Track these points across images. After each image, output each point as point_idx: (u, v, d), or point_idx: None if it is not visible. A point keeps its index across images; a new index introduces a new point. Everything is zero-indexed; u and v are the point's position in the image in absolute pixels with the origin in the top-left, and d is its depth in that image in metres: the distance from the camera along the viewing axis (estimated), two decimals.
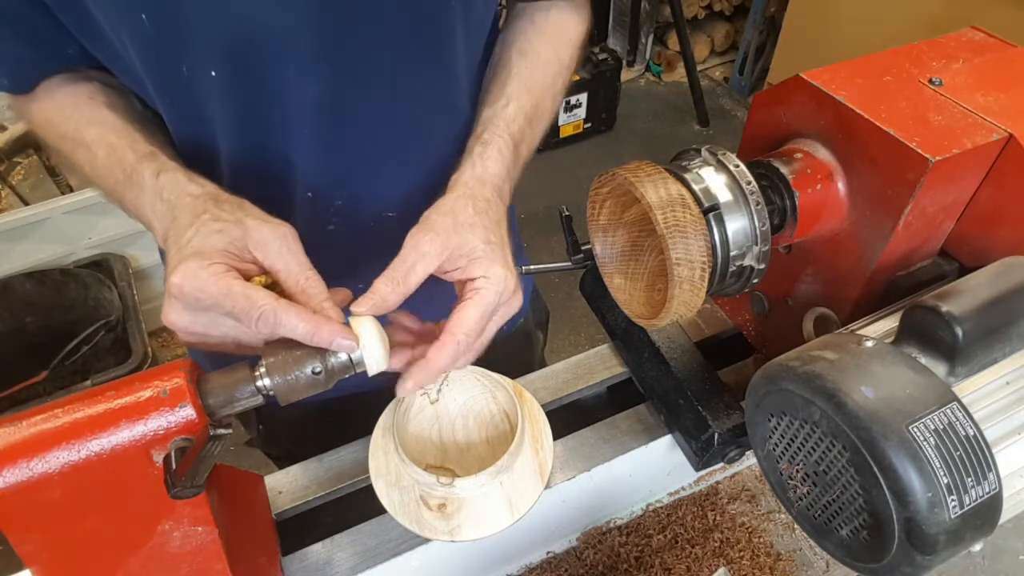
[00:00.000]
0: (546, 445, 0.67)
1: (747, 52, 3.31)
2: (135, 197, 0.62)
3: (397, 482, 0.68)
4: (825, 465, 0.54)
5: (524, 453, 0.66)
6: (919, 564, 0.49)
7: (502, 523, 0.64)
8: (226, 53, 0.61)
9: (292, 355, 0.55)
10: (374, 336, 0.56)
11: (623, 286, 0.74)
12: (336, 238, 0.79)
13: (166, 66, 0.62)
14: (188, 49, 0.61)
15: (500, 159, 0.67)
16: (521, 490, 0.66)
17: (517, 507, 0.64)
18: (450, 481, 0.63)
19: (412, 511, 0.66)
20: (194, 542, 0.57)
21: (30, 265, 1.97)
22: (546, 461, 0.67)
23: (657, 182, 0.61)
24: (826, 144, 0.68)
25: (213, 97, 0.65)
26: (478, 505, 0.65)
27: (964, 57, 0.71)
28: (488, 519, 0.64)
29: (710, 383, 0.78)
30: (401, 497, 0.67)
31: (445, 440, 0.74)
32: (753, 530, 0.89)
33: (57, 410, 0.50)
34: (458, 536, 0.64)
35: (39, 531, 0.52)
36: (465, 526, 0.64)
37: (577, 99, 3.02)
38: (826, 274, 0.73)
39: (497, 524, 0.64)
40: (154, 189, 0.60)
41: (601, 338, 0.93)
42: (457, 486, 0.63)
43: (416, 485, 0.66)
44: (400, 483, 0.67)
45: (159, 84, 0.65)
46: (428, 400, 0.73)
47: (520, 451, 0.65)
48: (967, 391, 0.57)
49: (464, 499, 0.65)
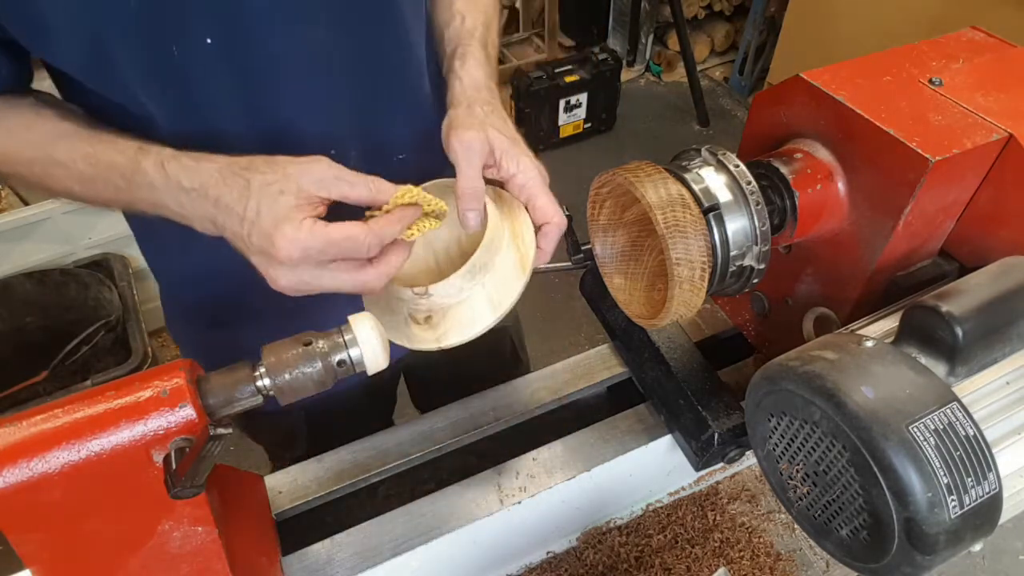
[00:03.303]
0: (527, 239, 0.65)
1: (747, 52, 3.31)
2: (148, 196, 0.60)
3: (387, 307, 0.67)
4: (825, 465, 0.54)
5: (504, 249, 0.64)
6: (919, 564, 0.49)
7: (485, 321, 0.63)
8: (219, 16, 0.60)
9: (292, 355, 0.55)
10: (374, 336, 0.56)
11: (623, 286, 0.74)
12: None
13: (156, 52, 0.60)
14: (180, 22, 0.59)
15: (479, 65, 0.72)
16: (502, 287, 0.64)
17: (499, 304, 0.63)
18: (424, 290, 0.61)
19: (403, 330, 0.65)
20: (194, 542, 0.57)
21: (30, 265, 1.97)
22: (527, 253, 0.65)
23: (657, 182, 0.61)
24: (826, 144, 0.68)
25: (210, 71, 0.63)
26: (461, 309, 0.63)
27: (964, 57, 0.71)
28: (472, 320, 0.63)
29: (710, 383, 0.78)
30: (392, 319, 0.66)
31: (442, 265, 0.73)
32: (753, 530, 0.89)
33: (57, 410, 0.50)
34: (444, 341, 0.63)
35: (39, 531, 0.52)
36: (451, 331, 0.63)
37: (577, 99, 3.01)
38: (826, 274, 0.73)
39: (481, 323, 0.63)
40: (167, 183, 0.59)
41: (601, 338, 0.93)
42: (433, 293, 0.61)
43: (402, 304, 0.65)
44: (390, 307, 0.67)
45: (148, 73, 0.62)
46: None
47: (499, 247, 0.64)
48: (967, 391, 0.57)
49: (448, 306, 0.64)
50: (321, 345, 0.56)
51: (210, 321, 0.87)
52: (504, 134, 0.65)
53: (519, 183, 0.65)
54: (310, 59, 0.66)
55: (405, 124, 0.78)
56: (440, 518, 0.76)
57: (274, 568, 0.71)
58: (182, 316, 0.91)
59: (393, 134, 0.78)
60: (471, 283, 0.62)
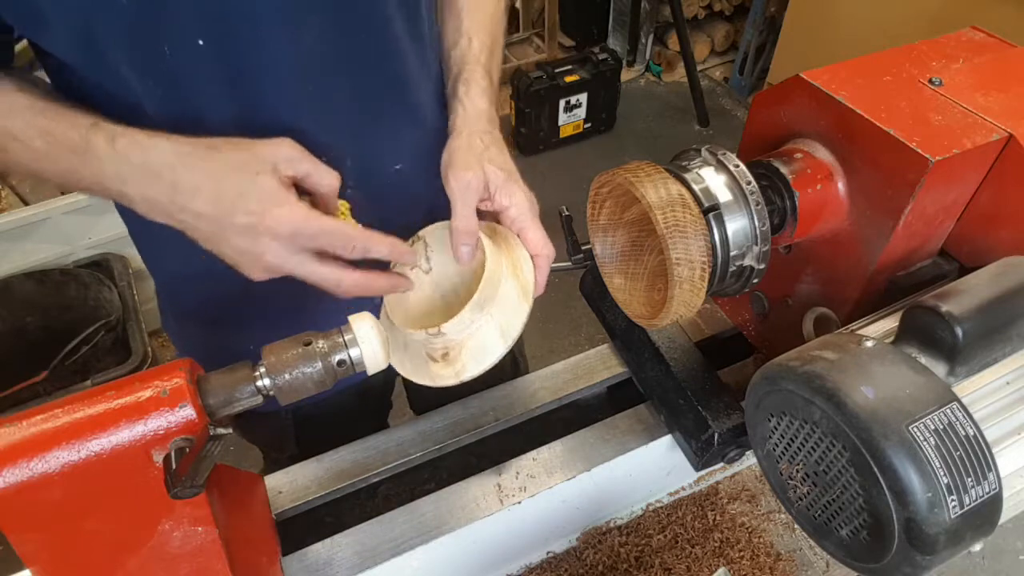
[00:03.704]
0: (526, 269, 0.68)
1: (747, 52, 3.31)
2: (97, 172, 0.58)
3: (407, 351, 0.70)
4: (825, 465, 0.54)
5: (505, 280, 0.66)
6: (919, 564, 0.49)
7: (498, 350, 0.65)
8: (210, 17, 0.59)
9: (292, 355, 0.55)
10: (374, 335, 0.56)
11: (623, 286, 0.74)
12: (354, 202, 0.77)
13: (148, 50, 0.60)
14: (171, 23, 0.58)
15: (483, 92, 0.74)
16: (510, 316, 0.66)
17: (508, 333, 0.66)
18: (437, 329, 0.64)
19: (423, 369, 0.68)
20: (194, 542, 0.57)
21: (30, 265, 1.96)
22: (528, 281, 0.68)
23: (657, 182, 0.61)
24: (826, 144, 0.68)
25: (202, 72, 0.62)
26: (475, 342, 0.66)
27: (964, 57, 0.71)
28: (485, 351, 0.66)
29: (710, 383, 0.78)
30: (412, 362, 0.69)
31: (450, 302, 0.74)
32: (753, 530, 0.89)
33: (57, 410, 0.50)
34: (463, 375, 0.66)
35: (39, 531, 0.52)
36: (468, 365, 0.66)
37: (577, 99, 3.01)
38: (826, 274, 0.73)
39: (494, 353, 0.65)
40: (114, 157, 0.57)
41: (601, 338, 0.93)
42: (446, 331, 0.64)
43: (420, 346, 0.68)
44: (407, 350, 0.70)
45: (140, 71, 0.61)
46: (422, 272, 0.74)
47: (499, 280, 0.66)
48: (967, 391, 0.57)
49: (461, 341, 0.66)
50: (321, 345, 0.56)
51: (205, 320, 0.87)
52: (501, 168, 0.68)
53: (511, 216, 0.68)
54: (300, 63, 0.65)
55: (401, 133, 0.78)
56: (440, 518, 0.76)
57: (274, 568, 0.71)
58: (177, 315, 0.91)
59: (388, 143, 0.77)
60: (480, 315, 0.64)
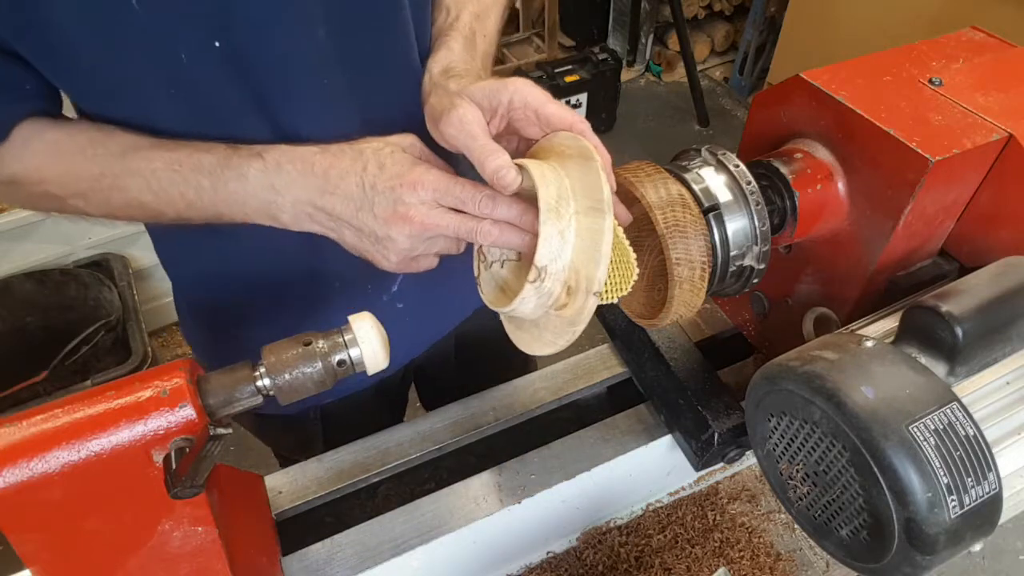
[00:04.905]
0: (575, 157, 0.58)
1: (747, 52, 3.31)
2: (236, 190, 0.62)
3: (537, 326, 0.63)
4: (825, 465, 0.54)
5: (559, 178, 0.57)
6: (919, 564, 0.49)
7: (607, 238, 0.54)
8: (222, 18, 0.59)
9: (292, 355, 0.55)
10: (374, 335, 0.56)
11: None
12: None
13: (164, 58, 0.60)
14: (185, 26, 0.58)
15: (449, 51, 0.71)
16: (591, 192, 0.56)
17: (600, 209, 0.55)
18: (534, 273, 0.56)
19: (562, 328, 0.59)
20: (194, 542, 0.57)
21: (30, 265, 1.97)
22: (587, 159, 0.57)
23: (657, 182, 0.61)
24: (826, 144, 0.68)
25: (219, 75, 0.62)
26: (582, 249, 0.56)
27: (964, 57, 0.71)
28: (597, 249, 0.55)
29: (710, 383, 0.78)
30: (552, 331, 0.61)
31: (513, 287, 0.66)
32: (753, 530, 0.89)
33: (57, 410, 0.50)
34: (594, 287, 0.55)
35: (39, 531, 0.52)
36: (593, 275, 0.55)
37: (577, 99, 3.01)
38: (826, 274, 0.73)
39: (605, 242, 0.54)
40: (264, 168, 0.61)
41: (601, 338, 0.93)
42: (540, 262, 0.55)
43: (540, 308, 0.58)
44: (538, 325, 0.62)
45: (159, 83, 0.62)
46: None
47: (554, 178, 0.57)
48: (967, 391, 0.57)
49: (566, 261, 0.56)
50: (321, 345, 0.56)
51: (223, 323, 0.87)
52: (483, 82, 0.63)
53: (517, 104, 0.60)
54: (313, 61, 0.66)
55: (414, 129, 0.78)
56: (440, 518, 0.76)
57: (274, 568, 0.71)
58: (195, 317, 0.91)
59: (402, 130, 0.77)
60: (559, 221, 0.55)
